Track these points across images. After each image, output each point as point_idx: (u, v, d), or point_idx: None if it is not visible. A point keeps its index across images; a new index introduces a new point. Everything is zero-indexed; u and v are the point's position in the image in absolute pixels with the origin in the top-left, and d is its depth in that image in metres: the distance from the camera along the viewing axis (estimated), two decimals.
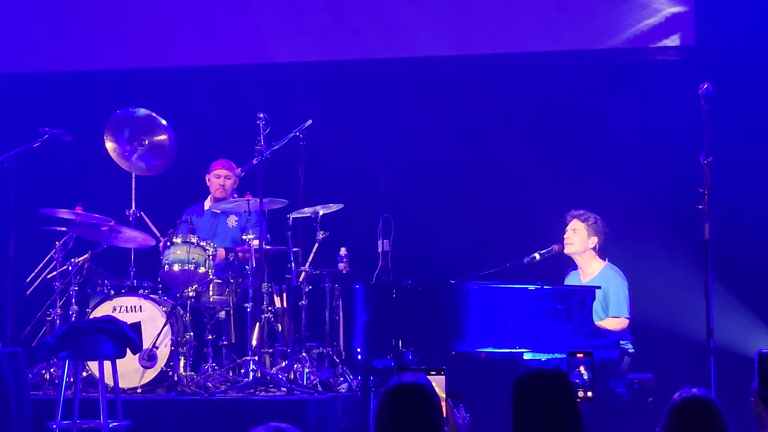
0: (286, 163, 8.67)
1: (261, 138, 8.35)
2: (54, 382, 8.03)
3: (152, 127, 8.88)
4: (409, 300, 7.32)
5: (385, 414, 3.64)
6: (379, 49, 10.24)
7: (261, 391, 7.84)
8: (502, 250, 8.86)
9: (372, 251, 8.87)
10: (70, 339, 7.03)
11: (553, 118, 9.78)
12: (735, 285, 8.97)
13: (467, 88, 10.04)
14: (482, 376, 7.88)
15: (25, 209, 8.88)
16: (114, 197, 9.08)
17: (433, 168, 10.03)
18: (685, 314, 8.98)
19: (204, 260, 8.45)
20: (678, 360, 8.82)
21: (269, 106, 8.80)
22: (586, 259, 8.21)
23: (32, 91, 10.63)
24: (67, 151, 9.54)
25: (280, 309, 8.58)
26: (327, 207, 8.51)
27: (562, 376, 3.78)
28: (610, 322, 7.90)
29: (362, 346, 7.53)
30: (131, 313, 8.19)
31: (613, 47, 9.87)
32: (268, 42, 10.42)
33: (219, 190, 9.17)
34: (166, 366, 8.13)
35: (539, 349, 7.28)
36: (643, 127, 9.55)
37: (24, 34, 10.68)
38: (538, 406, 3.69)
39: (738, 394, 5.51)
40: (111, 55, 10.58)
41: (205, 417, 7.59)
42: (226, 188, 9.17)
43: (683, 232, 8.91)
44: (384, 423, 3.64)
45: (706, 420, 3.56)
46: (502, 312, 7.33)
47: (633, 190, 9.43)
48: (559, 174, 9.59)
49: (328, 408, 7.71)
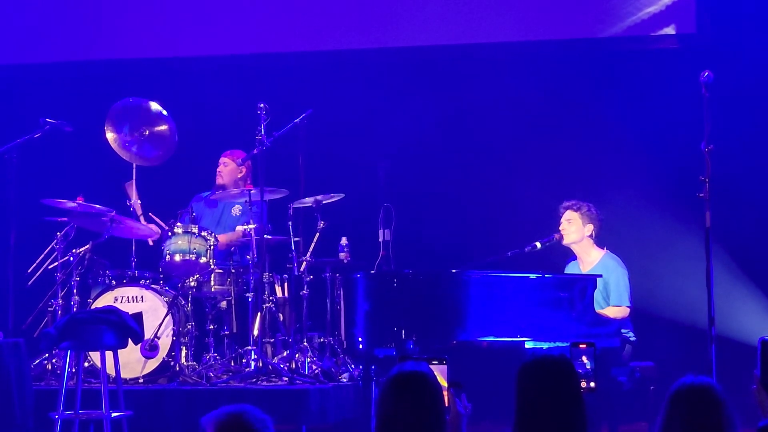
0: (287, 153, 8.66)
1: (261, 128, 8.35)
2: (56, 373, 8.05)
3: (153, 117, 8.87)
4: (411, 289, 7.32)
5: (387, 402, 3.64)
6: (379, 38, 10.24)
7: (263, 381, 7.84)
8: (503, 239, 8.86)
9: (373, 241, 8.87)
10: (71, 329, 7.03)
11: (553, 108, 9.78)
12: (736, 272, 8.97)
13: (467, 78, 10.03)
14: (483, 364, 7.88)
15: (26, 200, 8.88)
16: (115, 188, 9.07)
17: (434, 157, 10.03)
18: (686, 302, 8.99)
19: (205, 250, 8.45)
20: (679, 348, 8.83)
21: (270, 96, 8.79)
22: (585, 248, 8.20)
23: (33, 81, 10.63)
24: (68, 141, 9.54)
25: (282, 299, 8.59)
26: (328, 197, 8.52)
27: (567, 364, 3.77)
28: (611, 310, 7.90)
29: (363, 336, 7.53)
30: (133, 303, 8.20)
31: (614, 36, 9.86)
32: (268, 32, 10.41)
33: (217, 177, 9.18)
34: (168, 356, 8.14)
35: (540, 338, 7.27)
36: (644, 115, 9.55)
37: (25, 25, 10.67)
38: (542, 394, 3.68)
39: (740, 381, 5.51)
40: (111, 45, 10.57)
41: (207, 407, 7.47)
42: (222, 175, 9.15)
43: (684, 220, 8.90)
44: (386, 411, 3.64)
45: (708, 407, 3.55)
46: (503, 301, 7.32)
47: (634, 178, 9.42)
48: (559, 163, 9.59)
49: (330, 397, 7.72)
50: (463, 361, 4.92)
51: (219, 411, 3.27)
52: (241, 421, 3.22)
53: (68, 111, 9.56)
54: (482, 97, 9.87)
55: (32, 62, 10.69)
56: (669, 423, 3.57)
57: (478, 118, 9.94)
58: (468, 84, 10.00)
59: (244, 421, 3.22)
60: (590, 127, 9.63)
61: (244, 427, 3.22)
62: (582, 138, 9.64)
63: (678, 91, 8.99)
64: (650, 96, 9.53)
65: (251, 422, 3.23)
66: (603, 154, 9.52)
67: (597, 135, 9.59)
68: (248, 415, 3.24)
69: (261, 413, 3.27)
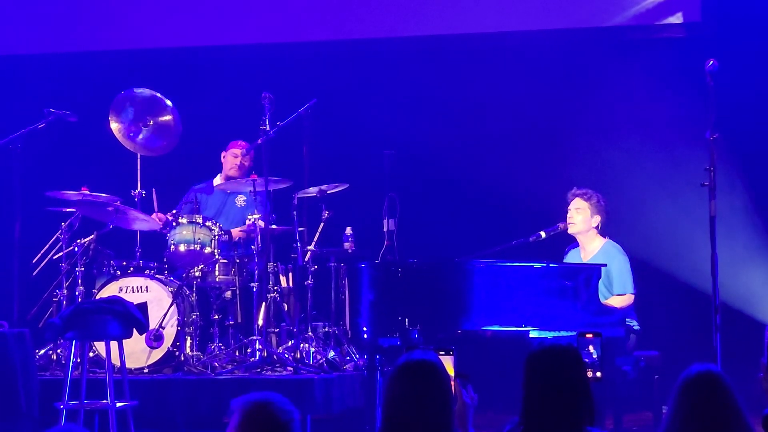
0: (291, 143, 8.66)
1: (266, 118, 8.34)
2: (61, 363, 8.05)
3: (157, 107, 8.86)
4: (415, 279, 7.31)
5: (395, 391, 3.64)
6: (384, 28, 10.23)
7: (267, 371, 7.85)
8: (507, 228, 8.86)
9: (377, 230, 8.86)
10: (76, 320, 7.03)
11: (558, 96, 9.77)
12: (742, 261, 8.97)
13: (472, 67, 10.02)
14: (488, 354, 7.89)
15: (30, 190, 8.88)
16: (119, 178, 9.07)
17: (438, 147, 10.02)
18: (690, 291, 8.99)
19: (210, 240, 8.45)
20: (684, 337, 8.83)
21: (274, 86, 8.79)
22: (588, 237, 8.19)
23: (37, 71, 10.63)
24: (73, 132, 9.54)
25: (286, 288, 8.60)
26: (332, 187, 8.52)
27: (575, 353, 3.77)
28: (616, 299, 7.89)
29: (368, 325, 7.53)
30: (137, 293, 8.20)
31: (618, 25, 9.85)
32: (272, 22, 10.40)
33: (233, 169, 9.14)
34: (173, 346, 8.14)
35: (545, 327, 7.27)
36: (649, 104, 9.54)
37: (29, 15, 10.67)
38: (550, 383, 3.68)
39: (745, 370, 5.51)
40: (116, 35, 10.57)
41: (212, 397, 7.61)
42: (245, 165, 9.13)
43: (689, 208, 8.89)
44: (393, 400, 3.63)
45: (716, 396, 3.55)
46: (507, 290, 7.31)
47: (638, 167, 9.41)
48: (564, 152, 9.58)
49: (335, 387, 7.73)
50: (467, 351, 4.92)
51: (247, 397, 3.27)
52: (267, 411, 3.24)
53: (72, 101, 9.57)
54: (487, 86, 9.86)
55: (36, 52, 10.70)
56: (677, 412, 3.57)
57: (483, 107, 9.93)
58: (473, 74, 9.99)
59: (269, 411, 3.24)
60: (595, 116, 9.62)
61: (270, 418, 3.23)
62: (586, 127, 9.63)
63: (683, 79, 8.98)
64: (655, 85, 9.51)
65: (277, 414, 3.25)
66: (607, 143, 9.52)
67: (602, 124, 9.58)
68: (274, 406, 3.25)
69: (288, 404, 3.29)
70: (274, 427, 3.23)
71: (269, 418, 3.23)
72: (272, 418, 3.24)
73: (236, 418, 3.24)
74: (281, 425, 3.24)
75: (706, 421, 3.53)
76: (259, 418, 3.23)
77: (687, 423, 3.55)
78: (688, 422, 3.54)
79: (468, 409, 4.01)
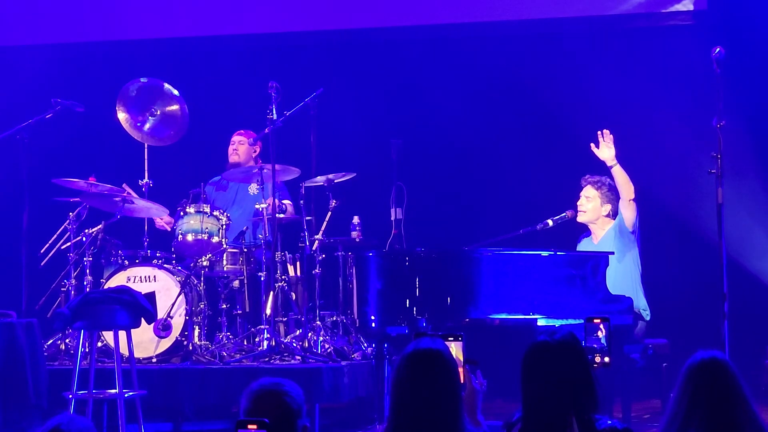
0: (299, 132, 8.66)
1: (273, 107, 8.34)
2: (69, 353, 8.06)
3: (164, 97, 8.86)
4: (423, 267, 7.32)
5: (402, 379, 3.63)
6: (391, 16, 10.22)
7: (275, 360, 7.85)
8: (514, 216, 8.86)
9: (385, 219, 8.86)
10: (84, 309, 7.04)
11: (566, 84, 9.75)
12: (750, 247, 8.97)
13: (480, 55, 10.02)
14: (496, 342, 7.88)
15: (38, 180, 8.89)
16: (126, 168, 9.08)
17: (446, 135, 10.02)
18: (699, 280, 8.98)
19: (217, 230, 8.46)
20: (692, 325, 8.82)
21: (281, 75, 8.78)
22: (599, 225, 8.17)
23: (44, 62, 10.63)
24: (80, 122, 9.55)
25: (294, 278, 8.60)
26: (340, 176, 8.51)
27: (570, 344, 3.71)
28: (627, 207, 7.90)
29: (376, 314, 7.54)
30: (145, 283, 8.21)
31: (625, 12, 9.83)
32: (279, 11, 10.40)
33: (232, 155, 9.18)
34: (181, 335, 8.15)
35: (553, 315, 7.27)
36: (656, 92, 9.53)
37: (36, 6, 10.67)
38: (547, 380, 3.64)
39: (753, 358, 5.52)
40: (123, 25, 10.57)
41: (220, 386, 7.62)
42: (239, 153, 9.15)
43: (696, 196, 8.89)
44: (401, 389, 3.62)
45: (720, 382, 3.56)
46: (515, 278, 7.31)
47: (646, 154, 9.39)
48: (571, 140, 9.55)
49: (343, 376, 7.72)
50: (475, 339, 4.92)
51: (259, 383, 3.28)
52: (277, 398, 3.24)
53: (80, 91, 9.57)
54: (495, 75, 9.87)
55: (44, 43, 10.70)
56: (682, 398, 3.57)
57: (491, 96, 9.93)
58: (480, 62, 9.99)
59: (279, 399, 3.24)
60: (602, 104, 9.60)
61: (279, 405, 3.24)
62: (594, 115, 9.60)
63: (690, 67, 8.98)
64: (662, 72, 9.51)
65: (287, 402, 3.25)
66: (615, 130, 9.48)
67: (609, 112, 9.56)
68: (285, 395, 3.26)
69: (298, 391, 3.29)
70: (285, 413, 3.24)
71: (278, 406, 3.24)
72: (282, 406, 3.25)
73: (247, 403, 3.25)
74: (293, 412, 3.25)
75: (711, 407, 3.53)
76: (270, 404, 3.24)
77: (692, 409, 3.55)
78: (693, 409, 3.55)
79: (477, 395, 4.00)
